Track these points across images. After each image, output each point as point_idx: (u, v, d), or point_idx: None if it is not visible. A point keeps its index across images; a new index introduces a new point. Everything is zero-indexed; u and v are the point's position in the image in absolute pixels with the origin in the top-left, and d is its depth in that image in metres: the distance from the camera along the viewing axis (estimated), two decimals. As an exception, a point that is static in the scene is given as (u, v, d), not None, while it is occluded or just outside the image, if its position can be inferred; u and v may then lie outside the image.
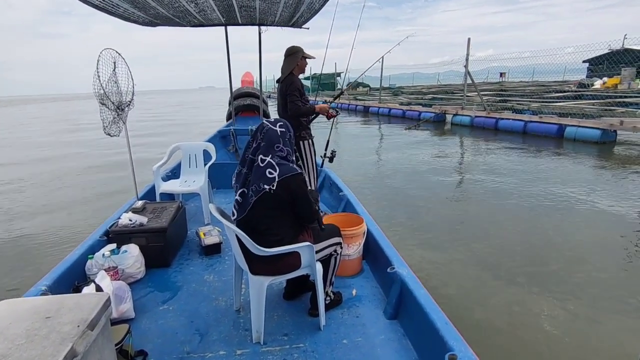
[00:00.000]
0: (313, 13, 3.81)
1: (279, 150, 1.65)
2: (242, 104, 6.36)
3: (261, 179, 1.59)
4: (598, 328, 2.41)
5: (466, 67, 11.77)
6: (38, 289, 1.80)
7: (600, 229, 3.96)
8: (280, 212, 1.66)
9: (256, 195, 1.59)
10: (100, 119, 2.80)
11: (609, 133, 8.45)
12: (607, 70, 19.22)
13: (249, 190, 1.63)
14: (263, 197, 1.59)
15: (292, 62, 2.91)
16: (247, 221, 1.67)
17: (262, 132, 1.66)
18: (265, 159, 1.60)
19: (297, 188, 1.62)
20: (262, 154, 1.61)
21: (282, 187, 1.58)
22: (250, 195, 1.60)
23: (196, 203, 3.73)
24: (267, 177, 1.58)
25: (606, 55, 19.50)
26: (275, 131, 1.66)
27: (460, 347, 1.42)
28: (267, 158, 1.60)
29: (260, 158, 1.61)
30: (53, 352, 0.92)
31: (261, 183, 1.58)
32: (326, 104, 3.11)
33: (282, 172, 1.59)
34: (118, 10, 3.27)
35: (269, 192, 1.58)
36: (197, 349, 1.73)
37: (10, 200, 5.71)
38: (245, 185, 1.65)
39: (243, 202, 1.66)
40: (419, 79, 42.09)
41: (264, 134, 1.65)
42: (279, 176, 1.58)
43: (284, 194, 1.60)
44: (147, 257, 2.44)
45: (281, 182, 1.58)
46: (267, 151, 1.62)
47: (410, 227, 4.11)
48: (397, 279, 1.95)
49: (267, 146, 1.63)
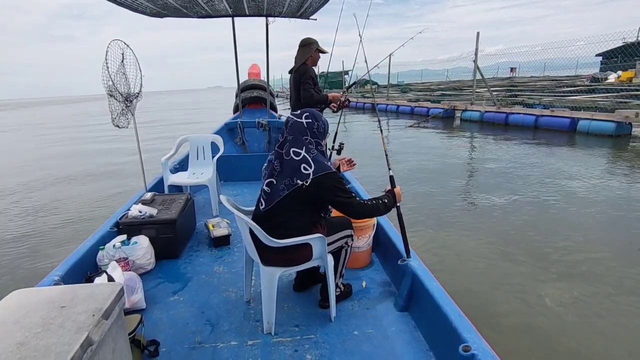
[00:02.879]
0: (322, 3, 3.75)
1: (307, 142, 1.64)
2: (249, 96, 6.32)
3: (295, 173, 1.59)
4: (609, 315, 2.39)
5: (475, 61, 11.57)
6: (51, 279, 1.82)
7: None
8: (304, 208, 1.66)
9: (288, 190, 1.59)
10: (109, 111, 2.80)
11: (624, 126, 8.26)
12: (621, 64, 18.73)
13: (278, 182, 1.63)
14: (295, 191, 1.59)
15: (306, 52, 2.93)
16: (270, 212, 1.66)
17: (288, 126, 1.66)
18: (300, 153, 1.59)
19: (333, 187, 1.61)
20: (293, 148, 1.61)
21: (315, 184, 1.58)
22: (282, 187, 1.60)
23: (204, 195, 3.74)
24: (302, 172, 1.58)
25: (620, 48, 18.99)
26: (302, 123, 1.66)
27: (474, 338, 1.40)
28: (302, 152, 1.60)
29: (293, 151, 1.60)
30: (69, 341, 0.92)
31: (295, 177, 1.59)
32: (338, 93, 3.10)
33: (317, 169, 1.59)
34: (127, 1, 3.25)
35: (301, 188, 1.58)
36: (209, 339, 1.74)
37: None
38: (274, 175, 1.64)
39: (271, 193, 1.65)
40: (427, 75, 41.51)
41: (289, 128, 1.65)
42: (313, 173, 1.58)
43: (315, 191, 1.60)
44: (156, 248, 2.44)
45: (315, 180, 1.58)
46: (297, 145, 1.62)
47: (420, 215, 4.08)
48: (408, 271, 1.92)
49: (294, 139, 1.62)
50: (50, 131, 15.86)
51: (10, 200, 5.48)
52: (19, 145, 11.79)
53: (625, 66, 17.70)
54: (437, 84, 28.61)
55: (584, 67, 22.65)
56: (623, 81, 16.27)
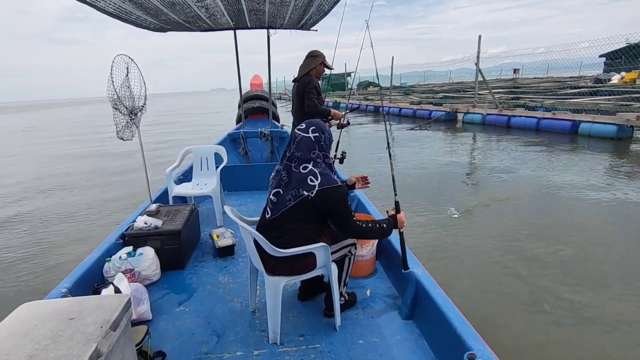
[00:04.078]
0: (322, 15, 3.81)
1: (315, 156, 1.68)
2: (251, 107, 6.40)
3: (302, 184, 1.63)
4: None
5: (477, 64, 11.62)
6: (58, 291, 1.84)
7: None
8: (310, 219, 1.68)
9: (294, 200, 1.63)
10: (114, 123, 2.85)
11: (625, 129, 8.21)
12: (625, 65, 18.64)
13: (285, 193, 1.66)
14: (301, 202, 1.62)
15: (311, 63, 2.99)
16: (276, 220, 1.69)
17: (296, 142, 1.69)
18: (307, 167, 1.64)
19: (337, 200, 1.65)
20: (302, 162, 1.65)
21: (321, 196, 1.61)
22: (289, 198, 1.64)
23: (208, 205, 3.77)
24: (308, 184, 1.62)
25: (624, 49, 18.86)
26: (309, 138, 1.69)
27: (479, 346, 1.40)
28: (310, 166, 1.65)
29: (302, 166, 1.65)
30: (78, 353, 0.94)
31: (301, 189, 1.62)
32: (341, 112, 3.14)
33: (323, 182, 1.62)
34: (131, 17, 3.33)
35: (307, 199, 1.61)
36: (215, 350, 1.75)
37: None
38: (281, 186, 1.68)
39: (278, 202, 1.68)
40: (430, 77, 41.59)
41: (297, 144, 1.69)
42: (319, 185, 1.61)
43: (321, 203, 1.63)
44: (162, 259, 2.46)
45: (321, 192, 1.61)
46: (306, 160, 1.66)
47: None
48: (412, 279, 1.93)
49: (303, 155, 1.66)
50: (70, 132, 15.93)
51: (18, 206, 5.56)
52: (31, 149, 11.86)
53: (629, 67, 17.62)
54: (440, 85, 28.64)
55: (587, 68, 22.58)
56: (627, 82, 16.21)
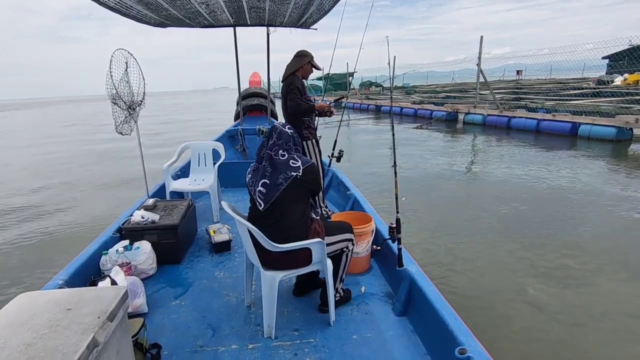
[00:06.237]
0: (322, 14, 3.82)
1: (291, 147, 1.82)
2: (249, 104, 6.41)
3: (287, 167, 1.75)
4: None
5: (479, 65, 11.64)
6: (55, 283, 1.86)
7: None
8: (297, 199, 1.76)
9: (286, 182, 1.72)
10: (113, 118, 2.86)
11: (625, 131, 8.23)
12: (627, 67, 18.67)
13: (274, 179, 1.74)
14: (292, 182, 1.72)
15: (297, 63, 2.95)
16: (269, 210, 1.74)
17: (277, 132, 1.83)
18: (285, 154, 1.80)
19: (317, 174, 1.85)
20: (281, 150, 1.80)
21: (307, 174, 1.76)
22: (280, 182, 1.73)
23: (205, 201, 3.79)
24: (292, 165, 1.75)
25: (627, 51, 18.91)
26: (287, 132, 1.83)
27: (470, 341, 1.42)
28: (287, 153, 1.81)
29: (280, 153, 1.79)
30: (76, 342, 0.96)
31: (288, 171, 1.74)
32: (326, 103, 3.13)
33: (304, 161, 1.80)
34: (131, 12, 3.34)
35: (296, 178, 1.73)
36: (210, 343, 1.77)
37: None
38: (266, 176, 1.76)
39: (267, 192, 1.74)
40: (433, 77, 41.50)
41: (278, 134, 1.82)
42: (302, 164, 1.77)
43: (308, 180, 1.77)
44: (158, 253, 2.48)
45: (306, 170, 1.76)
46: (285, 148, 1.81)
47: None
48: (406, 276, 1.95)
49: (283, 143, 1.81)
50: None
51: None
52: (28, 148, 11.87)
53: (632, 69, 17.65)
54: (443, 85, 28.58)
55: (590, 70, 22.58)
56: (629, 84, 16.24)
